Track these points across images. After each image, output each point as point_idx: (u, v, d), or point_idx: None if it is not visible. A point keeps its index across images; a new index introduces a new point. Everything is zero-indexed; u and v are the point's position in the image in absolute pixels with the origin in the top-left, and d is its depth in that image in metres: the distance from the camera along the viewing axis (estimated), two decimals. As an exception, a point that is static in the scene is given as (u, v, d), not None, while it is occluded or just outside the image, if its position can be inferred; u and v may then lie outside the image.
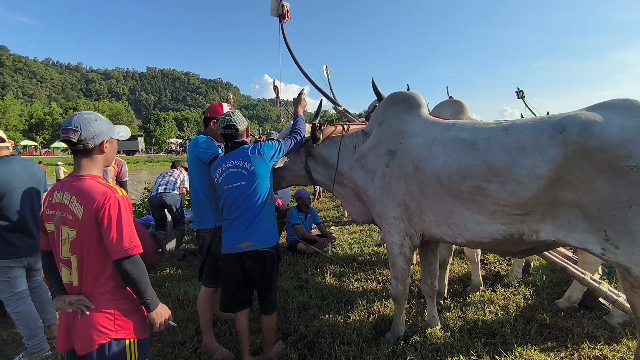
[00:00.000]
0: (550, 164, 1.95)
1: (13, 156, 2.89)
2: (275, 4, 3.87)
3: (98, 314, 1.59)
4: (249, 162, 2.39)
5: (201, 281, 2.82)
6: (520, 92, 7.07)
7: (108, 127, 1.70)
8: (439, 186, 2.30)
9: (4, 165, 2.74)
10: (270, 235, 2.44)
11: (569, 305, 3.13)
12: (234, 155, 2.44)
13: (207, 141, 2.75)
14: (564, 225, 2.01)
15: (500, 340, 2.71)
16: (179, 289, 3.92)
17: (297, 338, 2.84)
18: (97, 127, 1.65)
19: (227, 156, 2.47)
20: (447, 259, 3.47)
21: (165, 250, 5.64)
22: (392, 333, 2.78)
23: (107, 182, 1.67)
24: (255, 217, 2.36)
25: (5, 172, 2.71)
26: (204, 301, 2.76)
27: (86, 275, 1.61)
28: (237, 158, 2.42)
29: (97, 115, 1.71)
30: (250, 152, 2.43)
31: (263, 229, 2.39)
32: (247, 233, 2.35)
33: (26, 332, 2.85)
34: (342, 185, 2.95)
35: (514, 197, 2.05)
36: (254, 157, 2.41)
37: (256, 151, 2.43)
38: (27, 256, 2.83)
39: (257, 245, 2.36)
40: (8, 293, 2.77)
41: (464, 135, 2.30)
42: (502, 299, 3.40)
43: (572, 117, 1.96)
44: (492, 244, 2.28)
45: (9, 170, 2.74)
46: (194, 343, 2.83)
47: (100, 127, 1.66)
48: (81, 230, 1.57)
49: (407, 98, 2.72)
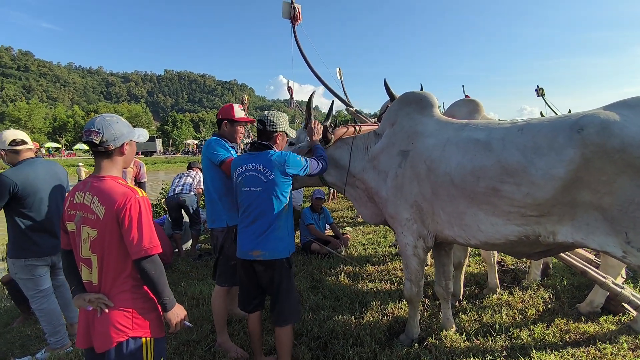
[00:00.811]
0: (568, 165, 1.90)
1: (37, 158, 3.00)
2: (286, 7, 3.89)
3: (116, 312, 1.62)
4: (270, 170, 2.28)
5: (215, 280, 2.86)
6: (540, 89, 6.90)
7: (128, 129, 1.74)
8: (452, 187, 2.27)
9: (28, 167, 2.84)
10: (282, 246, 2.34)
11: (591, 309, 3.03)
12: (257, 158, 2.34)
13: (218, 142, 2.78)
14: (583, 227, 1.96)
15: (518, 345, 2.64)
16: (194, 288, 3.99)
17: (311, 338, 2.85)
18: (118, 130, 1.68)
19: (249, 157, 2.38)
20: (462, 260, 3.42)
21: (181, 250, 5.75)
22: (406, 335, 2.76)
23: (126, 183, 1.71)
24: (268, 226, 2.29)
25: (29, 174, 2.81)
26: (218, 300, 2.80)
27: (106, 274, 1.64)
28: (260, 162, 2.31)
29: (119, 117, 1.74)
30: (275, 160, 2.30)
31: (275, 239, 2.30)
32: (258, 242, 2.29)
33: (49, 328, 2.95)
34: (354, 187, 2.94)
35: (529, 198, 2.01)
36: (277, 167, 2.29)
37: (282, 161, 2.30)
38: (50, 255, 2.94)
39: (267, 256, 2.29)
40: (33, 290, 2.88)
41: (478, 135, 2.27)
42: (520, 302, 3.32)
43: (590, 117, 1.90)
44: (507, 246, 2.24)
45: (33, 172, 2.84)
46: (209, 342, 2.87)
47: (121, 130, 1.70)
48: (102, 230, 1.61)
49: (419, 98, 2.70)
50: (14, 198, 2.74)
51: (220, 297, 2.80)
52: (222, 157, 2.68)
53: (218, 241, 2.78)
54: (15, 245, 2.83)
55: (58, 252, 3.01)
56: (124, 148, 1.73)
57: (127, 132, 1.73)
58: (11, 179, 2.71)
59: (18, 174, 2.77)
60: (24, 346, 3.31)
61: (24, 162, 2.87)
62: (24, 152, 2.89)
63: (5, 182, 2.69)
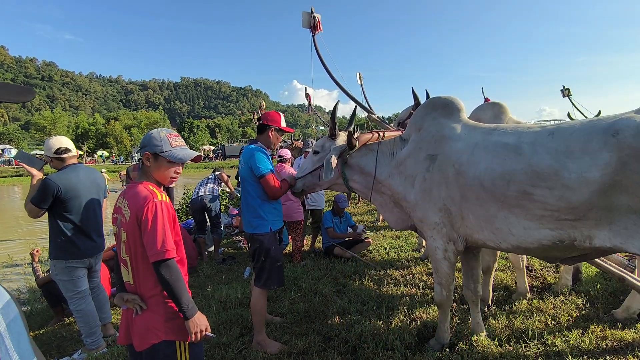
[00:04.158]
0: (604, 169, 1.89)
1: (79, 164, 3.17)
2: (306, 17, 3.93)
3: (150, 314, 1.67)
4: None
5: (259, 285, 2.86)
6: (566, 90, 6.69)
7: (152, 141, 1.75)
8: (482, 190, 2.26)
9: (71, 172, 3.01)
10: None
11: (628, 316, 2.94)
12: None
13: (262, 154, 2.84)
14: (622, 231, 1.92)
15: (553, 352, 2.59)
16: (220, 292, 4.05)
17: (340, 342, 2.86)
18: (145, 139, 1.78)
19: None
20: (491, 264, 3.37)
21: (204, 254, 5.85)
22: (437, 340, 2.74)
23: (154, 188, 1.73)
24: None
25: (72, 179, 2.97)
26: (261, 301, 2.87)
27: (137, 276, 1.69)
28: None
29: (159, 130, 1.81)
30: None
31: None
32: None
33: (86, 329, 3.06)
34: (380, 193, 2.93)
35: (563, 202, 2.00)
36: None
37: None
38: (88, 257, 3.07)
39: None
40: (72, 292, 3.00)
41: (507, 139, 2.26)
42: (552, 307, 3.24)
43: (626, 120, 1.90)
44: (540, 250, 2.22)
45: (75, 177, 3.01)
46: (239, 344, 2.92)
47: (145, 140, 1.77)
48: (129, 233, 1.67)
49: (446, 103, 2.69)
50: (57, 201, 2.89)
51: (264, 298, 2.89)
52: (263, 171, 2.77)
53: (263, 245, 2.82)
54: (57, 247, 2.97)
55: (95, 254, 3.14)
56: (146, 158, 1.76)
57: (148, 144, 1.75)
58: (56, 182, 2.87)
59: (62, 178, 2.93)
60: (60, 347, 3.43)
61: (68, 167, 3.03)
62: (68, 158, 3.05)
63: (50, 186, 2.85)
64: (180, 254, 1.75)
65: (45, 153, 3.04)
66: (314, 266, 4.78)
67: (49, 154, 3.01)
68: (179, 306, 1.62)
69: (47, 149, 3.01)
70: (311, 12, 3.93)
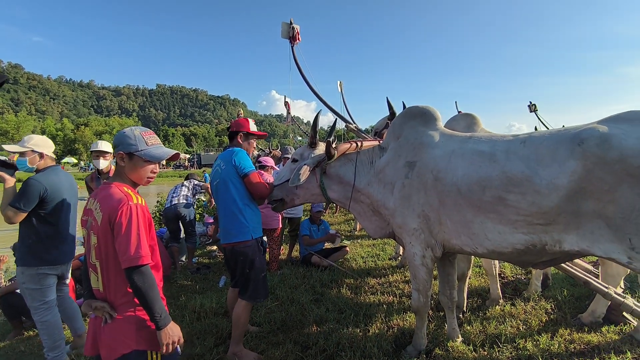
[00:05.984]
0: (570, 176, 1.99)
1: (57, 166, 3.04)
2: (285, 27, 3.98)
3: (121, 323, 1.58)
4: None
5: (245, 298, 2.76)
6: (533, 105, 7.08)
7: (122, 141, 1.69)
8: (459, 196, 2.33)
9: (53, 174, 2.88)
10: None
11: (593, 319, 3.07)
12: None
13: (245, 154, 2.84)
14: (588, 235, 2.02)
15: (525, 355, 2.66)
16: (194, 302, 3.92)
17: (317, 351, 2.82)
18: (116, 139, 1.71)
19: None
20: (466, 271, 3.45)
21: (177, 263, 5.66)
22: (414, 346, 2.75)
23: (128, 189, 1.66)
24: None
25: (54, 181, 2.85)
26: (245, 314, 2.76)
27: (108, 282, 1.60)
28: None
29: (131, 129, 1.73)
30: None
31: None
32: None
33: (49, 342, 2.87)
34: (359, 202, 2.94)
35: (534, 207, 2.08)
36: None
37: None
38: (61, 264, 2.90)
39: None
40: (39, 301, 2.80)
41: (482, 147, 2.35)
42: (523, 313, 3.34)
43: (590, 130, 2.01)
44: (514, 254, 2.29)
45: (57, 179, 2.88)
46: (213, 355, 2.82)
47: (115, 140, 1.71)
48: (100, 237, 1.58)
49: (423, 112, 2.77)
50: (40, 202, 2.75)
51: (249, 311, 2.80)
52: (247, 169, 2.74)
53: (247, 257, 2.71)
54: (29, 253, 2.78)
55: (68, 261, 2.98)
56: (119, 158, 1.69)
57: (121, 143, 1.69)
58: (42, 183, 2.74)
59: (47, 179, 2.80)
60: (18, 363, 3.20)
61: (49, 169, 2.91)
62: (47, 159, 2.93)
63: (36, 186, 2.72)
64: (155, 259, 1.67)
65: (39, 150, 2.87)
66: (291, 275, 4.72)
67: (46, 152, 2.89)
68: (151, 315, 1.54)
69: (47, 147, 2.93)
70: (290, 23, 3.98)
